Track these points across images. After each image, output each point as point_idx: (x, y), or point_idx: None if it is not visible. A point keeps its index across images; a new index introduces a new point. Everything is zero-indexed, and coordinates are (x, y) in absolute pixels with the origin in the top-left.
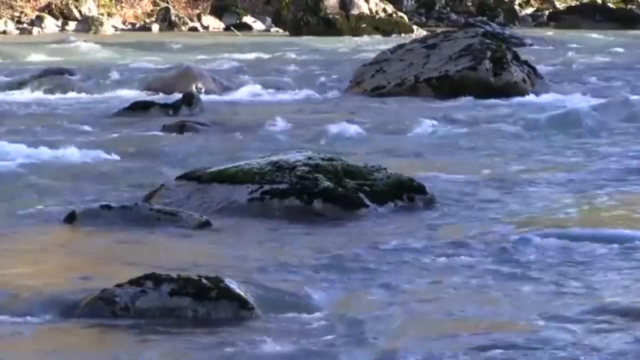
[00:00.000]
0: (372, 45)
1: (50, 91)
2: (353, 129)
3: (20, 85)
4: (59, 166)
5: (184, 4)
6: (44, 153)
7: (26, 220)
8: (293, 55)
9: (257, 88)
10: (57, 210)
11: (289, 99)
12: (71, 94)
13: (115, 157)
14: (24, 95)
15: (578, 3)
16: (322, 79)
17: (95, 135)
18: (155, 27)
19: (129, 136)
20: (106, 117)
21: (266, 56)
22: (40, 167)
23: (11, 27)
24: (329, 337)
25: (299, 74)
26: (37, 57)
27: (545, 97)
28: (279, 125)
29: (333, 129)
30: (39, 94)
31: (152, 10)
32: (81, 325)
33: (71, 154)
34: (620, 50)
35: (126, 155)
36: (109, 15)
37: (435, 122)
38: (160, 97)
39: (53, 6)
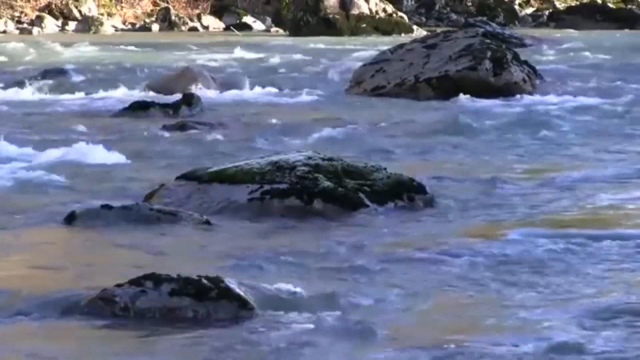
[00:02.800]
0: (372, 45)
1: (50, 91)
2: (353, 129)
3: (20, 85)
4: (59, 166)
5: (184, 4)
6: (44, 153)
7: (26, 220)
8: (293, 55)
9: (257, 88)
10: (57, 210)
11: (289, 99)
12: (71, 94)
13: (115, 157)
14: (24, 95)
15: (578, 3)
16: (322, 79)
17: (95, 135)
18: (155, 27)
19: (129, 136)
20: (106, 117)
21: (266, 56)
22: (40, 167)
23: (11, 27)
24: (330, 337)
25: (298, 74)
26: (37, 57)
27: (545, 97)
28: (279, 125)
29: (333, 129)
30: (39, 94)
31: (152, 10)
32: (81, 325)
33: (71, 154)
34: (620, 50)
35: (126, 155)
36: (109, 15)
37: (435, 122)
38: (160, 97)
39: (53, 6)
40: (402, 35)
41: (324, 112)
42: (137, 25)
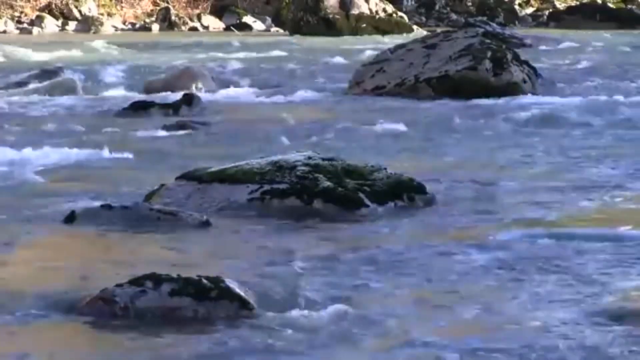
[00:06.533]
0: (372, 45)
1: (50, 91)
2: (353, 129)
3: (20, 85)
4: (59, 166)
5: (184, 4)
6: (43, 153)
7: (26, 220)
8: (293, 55)
9: (257, 88)
10: (57, 210)
11: (289, 99)
12: (71, 94)
13: (115, 157)
14: (24, 95)
15: (578, 3)
16: (322, 79)
17: (95, 135)
18: (155, 27)
19: (129, 136)
20: (106, 117)
21: (266, 56)
22: (40, 167)
23: (11, 27)
24: (330, 337)
25: (299, 74)
26: (37, 57)
27: (546, 98)
28: (279, 125)
29: (333, 129)
30: (38, 94)
31: (152, 10)
32: (81, 325)
33: (71, 154)
34: (621, 50)
35: (126, 155)
36: (109, 15)
37: (435, 122)
38: (160, 97)
39: (53, 6)
40: (402, 35)
41: (324, 112)
42: (137, 25)
